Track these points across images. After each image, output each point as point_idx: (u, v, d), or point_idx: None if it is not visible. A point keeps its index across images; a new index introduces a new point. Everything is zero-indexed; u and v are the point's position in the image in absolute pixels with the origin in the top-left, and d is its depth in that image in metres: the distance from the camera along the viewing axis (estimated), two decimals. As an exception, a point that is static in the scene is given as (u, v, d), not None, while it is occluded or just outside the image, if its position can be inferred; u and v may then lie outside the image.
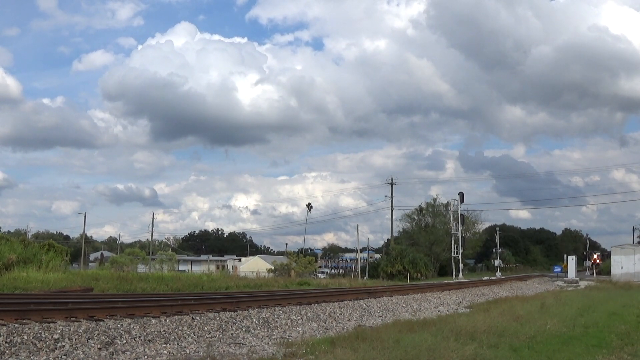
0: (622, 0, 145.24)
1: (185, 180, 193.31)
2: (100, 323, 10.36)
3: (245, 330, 11.86)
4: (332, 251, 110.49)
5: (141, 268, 59.28)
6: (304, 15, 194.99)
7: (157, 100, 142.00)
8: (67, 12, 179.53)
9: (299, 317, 14.07)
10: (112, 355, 8.59)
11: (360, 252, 68.20)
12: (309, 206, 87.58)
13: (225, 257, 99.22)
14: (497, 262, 69.51)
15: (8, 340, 8.51)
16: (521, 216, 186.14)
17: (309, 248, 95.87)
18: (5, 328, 9.01)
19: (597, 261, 62.35)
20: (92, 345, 9.05)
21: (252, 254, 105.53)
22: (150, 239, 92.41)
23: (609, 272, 50.89)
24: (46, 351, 8.43)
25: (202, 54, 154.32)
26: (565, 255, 59.29)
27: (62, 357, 8.22)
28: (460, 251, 58.78)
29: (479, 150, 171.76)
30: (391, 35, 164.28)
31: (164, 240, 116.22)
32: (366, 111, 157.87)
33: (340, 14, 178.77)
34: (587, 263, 63.99)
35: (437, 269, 69.91)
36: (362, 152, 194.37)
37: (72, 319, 10.53)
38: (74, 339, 9.09)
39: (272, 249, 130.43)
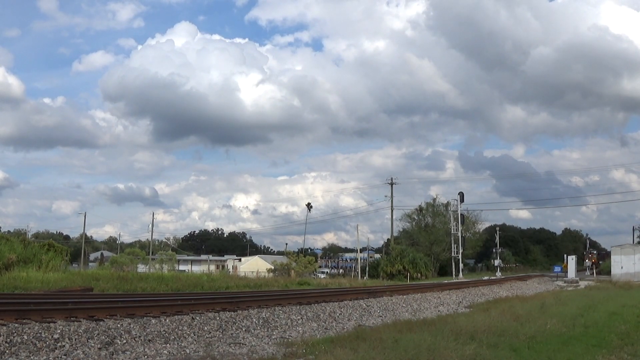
0: (620, 0, 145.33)
1: (186, 180, 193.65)
2: (100, 323, 10.36)
3: (245, 330, 11.86)
4: (332, 251, 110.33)
5: (141, 268, 59.22)
6: (303, 16, 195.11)
7: (158, 100, 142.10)
8: (68, 13, 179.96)
9: (299, 317, 14.07)
10: (112, 355, 8.59)
11: (360, 252, 68.13)
12: (309, 206, 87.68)
13: (225, 257, 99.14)
14: (497, 262, 69.43)
15: (8, 340, 8.51)
16: (521, 216, 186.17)
17: (309, 248, 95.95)
18: (5, 328, 9.01)
19: (593, 260, 62.40)
20: (92, 345, 9.05)
21: (252, 253, 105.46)
22: (150, 239, 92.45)
23: (609, 272, 50.87)
24: (46, 351, 8.44)
25: (202, 54, 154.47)
26: (565, 255, 59.26)
27: (62, 357, 8.22)
28: (460, 251, 58.76)
29: (479, 150, 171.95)
30: (391, 36, 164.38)
31: (164, 240, 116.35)
32: (367, 111, 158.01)
33: (340, 15, 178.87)
34: (587, 263, 63.93)
35: (437, 269, 69.87)
36: (362, 152, 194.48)
37: (72, 319, 10.53)
38: (74, 339, 9.09)
39: (272, 249, 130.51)
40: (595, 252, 70.77)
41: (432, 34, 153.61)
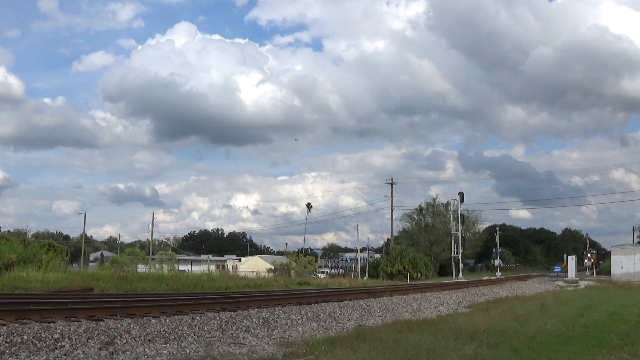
0: (620, 0, 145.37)
1: (186, 180, 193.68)
2: (100, 323, 10.36)
3: (245, 330, 11.86)
4: (332, 251, 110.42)
5: (141, 268, 59.21)
6: (303, 16, 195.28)
7: (158, 100, 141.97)
8: (68, 13, 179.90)
9: (299, 317, 14.06)
10: (112, 355, 8.58)
11: (360, 252, 68.18)
12: (309, 206, 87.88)
13: (225, 257, 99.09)
14: (497, 262, 69.42)
15: (8, 340, 8.51)
16: (521, 216, 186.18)
17: (309, 248, 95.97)
18: (5, 328, 9.01)
19: (592, 260, 62.40)
20: (92, 345, 9.05)
21: (252, 253, 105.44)
22: (150, 239, 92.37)
23: (609, 272, 50.87)
24: (46, 351, 8.43)
25: (203, 54, 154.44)
26: (565, 255, 59.24)
27: (62, 357, 8.22)
28: (460, 251, 58.73)
29: (479, 150, 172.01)
30: (390, 36, 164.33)
31: (164, 240, 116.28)
32: (367, 111, 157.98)
33: (340, 15, 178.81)
34: (587, 263, 63.92)
35: (437, 269, 69.89)
36: (362, 152, 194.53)
37: (72, 319, 10.54)
38: (74, 339, 9.09)
39: (272, 249, 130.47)
40: (594, 251, 70.70)
41: (432, 34, 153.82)
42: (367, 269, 61.79)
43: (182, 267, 74.70)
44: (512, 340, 10.18)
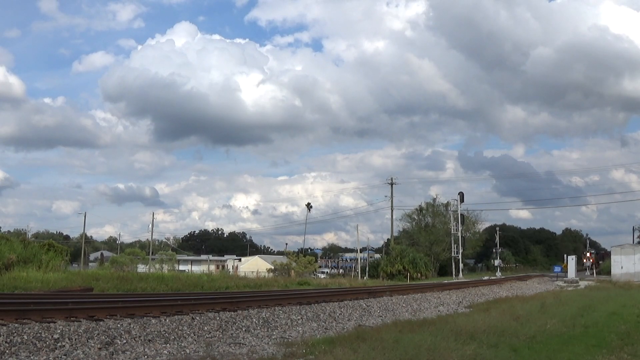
0: (620, 0, 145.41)
1: (186, 180, 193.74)
2: (100, 323, 10.36)
3: (245, 330, 11.86)
4: (332, 251, 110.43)
5: (141, 268, 59.18)
6: (303, 17, 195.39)
7: (159, 100, 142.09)
8: (68, 14, 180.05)
9: (299, 317, 14.06)
10: (112, 355, 8.59)
11: (360, 252, 68.15)
12: (309, 206, 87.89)
13: (225, 257, 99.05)
14: (497, 262, 69.41)
15: (8, 340, 8.51)
16: (521, 216, 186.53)
17: (309, 248, 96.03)
18: (5, 328, 9.01)
19: (591, 260, 62.40)
20: (92, 345, 9.05)
21: (252, 253, 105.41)
22: (150, 239, 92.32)
23: (609, 272, 50.86)
24: (46, 351, 8.44)
25: (203, 54, 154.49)
26: (565, 255, 59.23)
27: (62, 357, 8.22)
28: (460, 251, 58.72)
29: (479, 151, 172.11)
30: (390, 37, 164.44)
31: (164, 240, 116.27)
32: (368, 111, 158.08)
33: (340, 15, 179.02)
34: (587, 263, 63.89)
35: (437, 269, 69.86)
36: (362, 152, 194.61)
37: (72, 319, 10.54)
38: (74, 339, 9.09)
39: (272, 249, 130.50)
40: (593, 251, 70.68)
41: (432, 35, 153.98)
42: (367, 269, 61.76)
43: (182, 267, 74.70)
44: (512, 340, 10.18)
